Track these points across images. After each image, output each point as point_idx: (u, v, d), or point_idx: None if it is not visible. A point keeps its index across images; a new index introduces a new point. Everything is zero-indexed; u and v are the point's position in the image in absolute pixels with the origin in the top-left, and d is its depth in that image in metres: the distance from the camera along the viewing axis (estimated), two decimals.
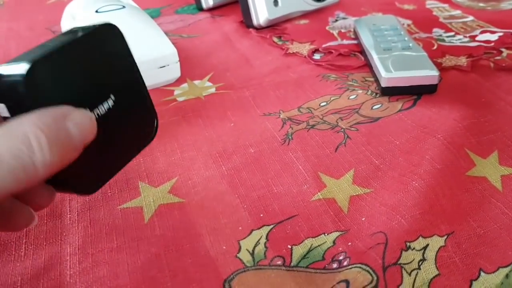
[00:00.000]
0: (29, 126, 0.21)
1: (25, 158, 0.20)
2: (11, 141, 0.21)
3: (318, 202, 0.30)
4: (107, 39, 0.28)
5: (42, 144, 0.21)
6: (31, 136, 0.21)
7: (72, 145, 0.23)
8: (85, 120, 0.24)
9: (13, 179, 0.20)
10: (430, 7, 0.59)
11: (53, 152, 0.21)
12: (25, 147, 0.21)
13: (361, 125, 0.37)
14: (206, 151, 0.35)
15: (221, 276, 0.25)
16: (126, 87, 0.30)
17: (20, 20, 0.64)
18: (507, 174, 0.31)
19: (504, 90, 0.40)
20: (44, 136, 0.21)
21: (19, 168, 0.20)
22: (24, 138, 0.21)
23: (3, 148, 0.20)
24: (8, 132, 0.21)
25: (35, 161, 0.21)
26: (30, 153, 0.21)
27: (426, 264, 0.25)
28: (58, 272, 0.25)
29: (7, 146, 0.20)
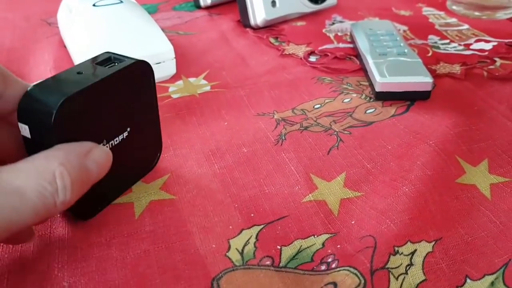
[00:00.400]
0: (57, 165, 0.22)
1: (48, 197, 0.21)
2: (38, 178, 0.21)
3: (309, 203, 0.30)
4: (138, 76, 0.28)
5: (66, 185, 0.22)
6: (57, 175, 0.22)
7: (89, 182, 0.24)
8: (104, 157, 0.25)
9: (34, 215, 0.21)
10: (426, 14, 0.60)
11: (73, 191, 0.22)
12: (50, 186, 0.21)
13: (354, 128, 0.37)
14: (199, 149, 0.35)
15: (210, 274, 0.25)
16: (143, 121, 0.30)
17: (15, 10, 0.64)
18: (496, 182, 0.32)
19: (496, 99, 0.41)
20: (69, 176, 0.22)
21: (41, 206, 0.21)
22: (51, 176, 0.21)
23: (30, 185, 0.21)
24: (36, 167, 0.22)
25: (56, 201, 0.22)
26: (54, 193, 0.21)
27: (414, 269, 0.25)
28: (47, 265, 0.25)
29: (34, 183, 0.21)
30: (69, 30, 0.47)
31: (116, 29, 0.44)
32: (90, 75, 0.26)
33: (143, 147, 0.31)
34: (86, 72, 0.26)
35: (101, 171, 0.25)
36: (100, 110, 0.26)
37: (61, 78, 0.26)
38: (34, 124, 0.24)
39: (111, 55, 0.28)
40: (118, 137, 0.28)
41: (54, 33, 0.55)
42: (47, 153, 0.23)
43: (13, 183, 0.20)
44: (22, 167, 0.22)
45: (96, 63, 0.27)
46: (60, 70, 0.46)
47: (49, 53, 0.50)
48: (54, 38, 0.54)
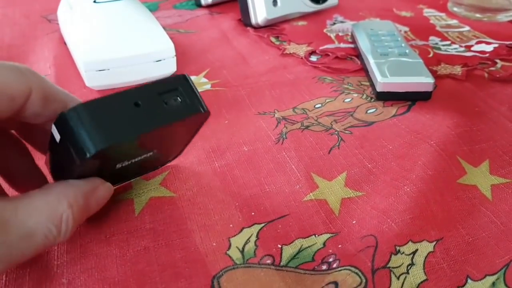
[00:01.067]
0: (66, 207, 0.23)
1: (51, 239, 0.22)
2: (48, 220, 0.22)
3: (310, 202, 0.30)
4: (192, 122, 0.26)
5: (69, 228, 0.23)
6: (64, 219, 0.23)
7: (86, 217, 0.25)
8: (106, 195, 0.26)
9: (34, 253, 0.22)
10: (427, 15, 0.60)
11: (72, 231, 0.23)
12: (55, 230, 0.22)
13: (355, 128, 0.37)
14: (200, 147, 0.35)
15: (210, 272, 0.25)
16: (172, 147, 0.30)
17: (15, 6, 0.63)
18: (497, 183, 0.32)
19: (497, 100, 0.41)
20: (73, 220, 0.23)
21: (42, 246, 0.22)
22: (59, 220, 0.22)
23: (40, 228, 0.22)
24: (48, 207, 0.22)
25: (56, 240, 0.23)
26: (56, 235, 0.22)
27: (415, 268, 0.25)
28: (45, 261, 0.25)
29: (43, 226, 0.22)
30: (70, 27, 0.47)
31: (117, 26, 0.44)
32: (148, 113, 0.23)
33: (162, 158, 0.31)
34: (145, 106, 0.23)
35: (100, 206, 0.26)
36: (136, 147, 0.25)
37: (115, 108, 0.22)
38: (66, 141, 0.22)
39: (178, 86, 0.24)
40: (139, 158, 0.27)
41: (54, 29, 0.55)
42: (58, 190, 0.23)
43: (26, 224, 0.21)
44: (36, 206, 0.22)
45: (158, 93, 0.24)
46: (60, 67, 0.46)
47: (49, 50, 0.50)
48: (54, 35, 0.53)
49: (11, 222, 0.21)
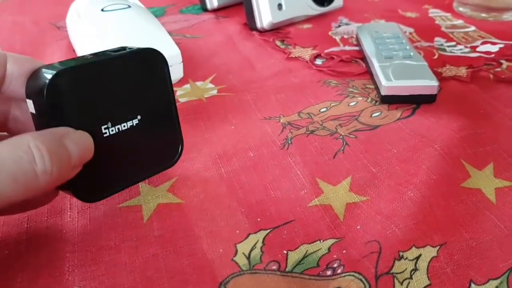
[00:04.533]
0: (31, 139, 0.23)
1: (25, 164, 0.22)
2: (13, 150, 0.22)
3: (315, 208, 0.30)
4: (148, 64, 0.29)
5: (43, 154, 0.22)
6: (32, 146, 0.22)
7: (71, 161, 0.24)
8: (83, 139, 0.26)
9: (14, 186, 0.21)
10: (433, 15, 0.60)
11: (53, 162, 0.23)
12: (26, 155, 0.22)
13: (360, 132, 0.37)
14: (206, 153, 0.35)
15: (217, 278, 0.26)
16: (156, 111, 0.31)
17: (24, 13, 0.64)
18: (502, 186, 0.32)
19: (502, 102, 0.41)
20: (45, 147, 0.23)
21: (19, 172, 0.21)
22: (26, 147, 0.22)
23: (5, 155, 0.22)
24: (11, 142, 0.22)
25: (35, 169, 0.22)
26: (31, 160, 0.22)
27: (418, 274, 0.26)
28: (58, 269, 0.26)
29: (9, 152, 0.22)
30: (78, 35, 0.48)
31: (124, 33, 0.44)
32: (97, 57, 0.27)
33: (159, 138, 0.31)
34: (95, 56, 0.27)
35: (84, 152, 0.25)
36: (102, 91, 0.27)
37: (70, 60, 0.27)
38: (35, 97, 0.25)
39: (127, 47, 0.29)
40: (126, 123, 0.29)
41: (63, 36, 0.56)
42: (21, 134, 0.23)
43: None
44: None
45: (110, 51, 0.28)
46: None
47: (59, 57, 0.51)
48: (63, 42, 0.54)
49: None
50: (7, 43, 0.55)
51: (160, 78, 0.30)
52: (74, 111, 0.26)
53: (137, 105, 0.29)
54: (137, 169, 0.31)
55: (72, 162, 0.24)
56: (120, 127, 0.28)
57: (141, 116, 0.29)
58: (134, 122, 0.29)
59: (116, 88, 0.28)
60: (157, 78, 0.30)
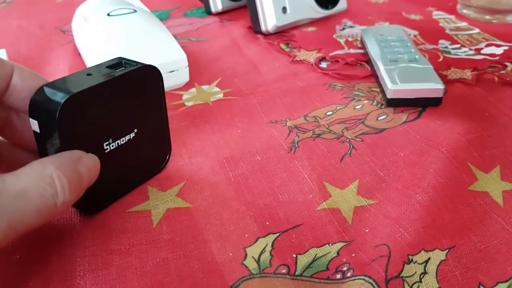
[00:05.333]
0: (53, 168, 0.24)
1: (49, 197, 0.23)
2: (39, 181, 0.23)
3: (323, 211, 0.30)
4: (146, 80, 0.30)
5: (65, 186, 0.24)
6: (55, 177, 0.24)
7: (83, 185, 0.26)
8: (93, 163, 0.27)
9: (37, 215, 0.23)
10: (437, 18, 0.60)
11: (71, 192, 0.24)
12: (50, 188, 0.23)
13: (366, 135, 0.37)
14: (214, 157, 0.35)
15: (227, 282, 0.26)
16: (151, 123, 0.32)
17: (30, 18, 0.65)
18: (509, 189, 0.32)
19: (508, 105, 0.41)
20: (66, 178, 0.24)
21: (43, 206, 0.23)
22: (50, 179, 0.23)
23: (32, 187, 0.23)
24: (35, 172, 0.24)
25: (56, 201, 0.23)
26: (54, 194, 0.23)
27: (427, 277, 0.26)
28: (69, 274, 0.26)
29: (35, 184, 0.23)
30: (84, 39, 0.48)
31: (131, 38, 0.45)
32: (99, 76, 0.28)
33: (151, 148, 0.33)
34: (95, 74, 0.28)
35: (92, 175, 0.27)
36: (106, 110, 0.28)
37: (71, 79, 0.27)
38: (42, 119, 0.26)
39: (122, 60, 0.30)
40: (125, 137, 0.30)
41: (68, 41, 0.56)
42: (42, 160, 0.25)
43: (17, 185, 0.22)
44: (22, 171, 0.23)
45: (106, 67, 0.29)
46: None
47: (64, 61, 0.51)
48: (69, 46, 0.55)
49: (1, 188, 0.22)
50: (12, 47, 0.55)
51: (155, 91, 0.31)
52: (80, 132, 0.27)
53: (134, 120, 0.30)
54: (132, 177, 0.32)
55: (83, 185, 0.26)
56: (119, 141, 0.29)
57: (137, 129, 0.30)
58: (131, 135, 0.30)
59: (117, 106, 0.29)
60: (153, 92, 0.31)
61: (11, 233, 0.22)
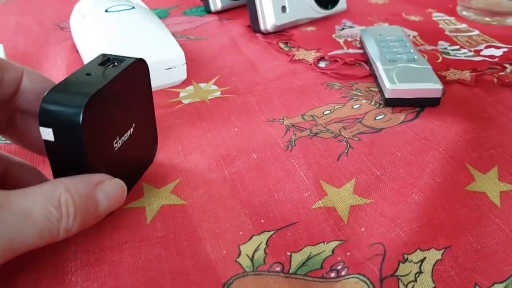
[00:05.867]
0: (63, 191, 0.23)
1: (53, 221, 0.22)
2: (45, 202, 0.22)
3: (319, 210, 0.30)
4: (138, 73, 0.30)
5: (70, 212, 0.23)
6: (62, 201, 0.22)
7: (97, 214, 0.25)
8: (116, 190, 0.25)
9: (38, 238, 0.22)
10: (437, 19, 0.60)
11: (77, 220, 0.23)
12: (56, 212, 0.22)
13: (363, 135, 0.37)
14: (210, 155, 0.35)
15: (221, 280, 0.25)
16: (143, 115, 0.32)
17: (28, 14, 0.65)
18: (506, 190, 0.32)
19: (506, 106, 0.41)
20: (73, 204, 0.23)
21: (46, 229, 0.22)
22: (57, 202, 0.22)
23: (37, 208, 0.22)
24: (44, 192, 0.22)
25: (59, 226, 0.22)
26: (59, 218, 0.22)
27: (423, 276, 0.25)
28: (60, 270, 0.26)
29: (41, 206, 0.22)
30: (82, 36, 0.48)
31: (128, 35, 0.44)
32: (100, 75, 0.27)
33: (144, 140, 0.32)
34: (94, 73, 0.27)
35: (112, 204, 0.25)
36: (113, 108, 0.27)
37: (73, 81, 0.26)
38: (59, 126, 0.24)
39: (109, 56, 0.29)
40: (127, 133, 0.29)
41: (66, 37, 0.56)
42: (56, 180, 0.23)
43: (22, 204, 0.21)
44: (30, 191, 0.22)
45: (99, 64, 0.28)
46: None
47: (62, 58, 0.51)
48: (67, 43, 0.54)
49: (2, 202, 0.21)
50: (11, 43, 0.55)
51: (144, 84, 0.31)
52: (97, 135, 0.26)
53: (133, 113, 0.30)
54: (134, 172, 0.32)
55: (98, 213, 0.25)
56: (124, 138, 0.29)
57: (135, 124, 0.30)
58: (131, 130, 0.30)
59: (120, 103, 0.28)
60: (143, 83, 0.31)
61: (9, 253, 0.21)
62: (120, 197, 0.26)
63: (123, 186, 0.26)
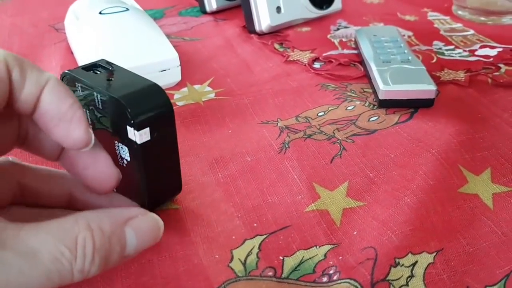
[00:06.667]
0: (83, 228, 0.20)
1: (64, 263, 0.19)
2: (58, 241, 0.19)
3: (312, 213, 0.30)
4: None
5: (87, 253, 0.20)
6: (79, 240, 0.19)
7: (122, 255, 0.21)
8: (150, 227, 0.22)
9: (45, 281, 0.19)
10: (432, 19, 0.60)
11: (95, 262, 0.20)
12: (69, 253, 0.19)
13: (357, 136, 0.37)
14: (203, 157, 0.35)
15: (213, 285, 0.25)
16: None
17: (24, 15, 0.64)
18: (499, 192, 0.32)
19: (500, 107, 0.41)
20: (92, 244, 0.20)
21: (55, 272, 0.19)
22: (72, 242, 0.19)
23: (46, 248, 0.19)
24: (59, 228, 0.20)
25: (73, 268, 0.19)
26: (72, 260, 0.19)
27: (414, 280, 0.25)
28: None
29: (51, 246, 0.19)
30: (76, 37, 0.48)
31: (122, 36, 0.44)
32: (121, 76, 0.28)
33: None
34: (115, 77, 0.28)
35: (144, 243, 0.22)
36: None
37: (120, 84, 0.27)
38: (155, 123, 0.26)
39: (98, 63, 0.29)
40: None
41: (61, 39, 0.56)
42: (80, 214, 0.21)
43: (30, 242, 0.19)
44: (45, 226, 0.20)
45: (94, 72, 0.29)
46: None
47: (57, 59, 0.51)
48: (62, 44, 0.54)
49: (9, 239, 0.19)
50: (5, 44, 0.55)
51: None
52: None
53: None
54: None
55: (125, 254, 0.22)
56: None
57: None
58: None
59: None
60: None
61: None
62: (155, 235, 0.23)
63: (159, 222, 0.23)
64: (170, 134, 0.27)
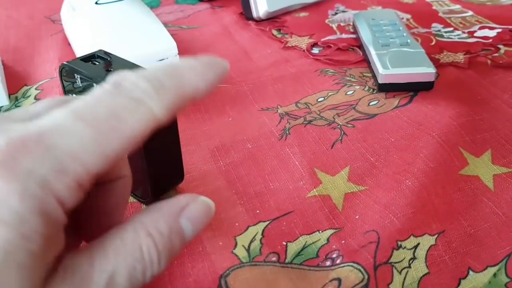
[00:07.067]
0: (144, 237, 0.19)
1: (138, 276, 0.19)
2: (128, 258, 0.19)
3: (314, 198, 0.30)
4: None
5: (153, 259, 0.19)
6: (144, 250, 0.19)
7: (182, 245, 0.21)
8: (203, 213, 0.21)
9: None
10: (430, 1, 0.59)
11: (162, 263, 0.20)
12: (140, 265, 0.19)
13: (357, 121, 0.37)
14: (205, 146, 0.35)
15: (217, 271, 0.26)
16: None
17: (20, 7, 0.64)
18: (499, 173, 0.32)
19: (500, 88, 0.41)
20: (156, 250, 0.19)
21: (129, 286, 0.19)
22: (139, 254, 0.19)
23: (121, 270, 0.18)
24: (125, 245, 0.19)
25: (145, 277, 0.19)
26: (143, 270, 0.19)
27: (417, 262, 0.26)
28: None
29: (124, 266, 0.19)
30: (73, 28, 0.47)
31: (119, 26, 0.44)
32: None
33: None
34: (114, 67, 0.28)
35: (199, 228, 0.21)
36: None
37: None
38: None
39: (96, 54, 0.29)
40: None
41: (58, 30, 0.55)
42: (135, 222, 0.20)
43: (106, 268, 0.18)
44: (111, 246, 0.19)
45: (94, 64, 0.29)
46: None
47: (54, 51, 0.51)
48: (58, 36, 0.54)
49: (89, 276, 0.18)
50: (2, 37, 0.55)
51: None
52: None
53: None
54: None
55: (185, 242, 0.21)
56: None
57: None
58: None
59: None
60: None
61: None
62: (208, 216, 0.22)
63: (209, 203, 0.22)
64: (171, 123, 0.27)
